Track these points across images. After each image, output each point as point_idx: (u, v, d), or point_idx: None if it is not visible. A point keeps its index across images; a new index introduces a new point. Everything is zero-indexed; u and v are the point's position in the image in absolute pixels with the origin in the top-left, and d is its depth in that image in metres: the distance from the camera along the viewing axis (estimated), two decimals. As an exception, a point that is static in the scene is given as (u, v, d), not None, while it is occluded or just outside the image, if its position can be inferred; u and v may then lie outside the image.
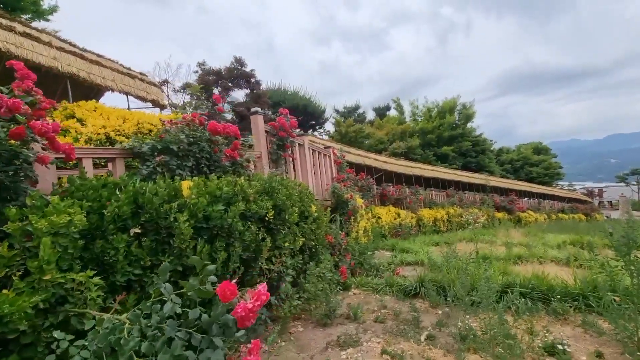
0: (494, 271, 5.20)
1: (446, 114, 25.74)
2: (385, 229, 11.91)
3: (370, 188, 12.19)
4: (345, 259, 5.19)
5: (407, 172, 16.02)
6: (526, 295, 3.81)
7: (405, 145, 21.47)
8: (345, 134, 20.55)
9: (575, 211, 33.97)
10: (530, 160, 37.59)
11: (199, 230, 2.49)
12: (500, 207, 21.90)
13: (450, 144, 25.20)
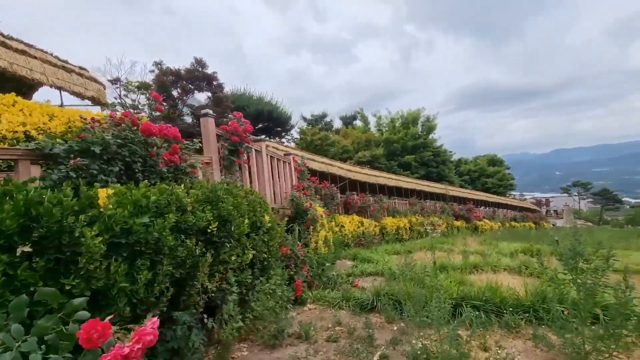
0: (450, 282, 5.20)
1: (410, 125, 26.61)
2: (348, 237, 11.81)
3: (334, 196, 12.07)
4: (302, 271, 4.93)
5: (372, 180, 16.16)
6: (480, 308, 3.77)
7: (369, 154, 21.77)
8: (310, 142, 20.42)
9: (526, 219, 36.36)
10: (486, 172, 39.93)
11: (115, 247, 2.11)
12: (459, 215, 22.80)
13: (413, 154, 25.99)
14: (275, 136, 24.37)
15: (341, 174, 13.95)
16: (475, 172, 39.34)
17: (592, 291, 2.65)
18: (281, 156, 6.78)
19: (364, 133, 25.22)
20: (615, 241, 14.00)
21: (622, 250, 10.38)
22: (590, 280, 2.63)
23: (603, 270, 2.58)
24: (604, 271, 2.58)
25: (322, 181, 11.80)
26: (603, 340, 2.62)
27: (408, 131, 25.85)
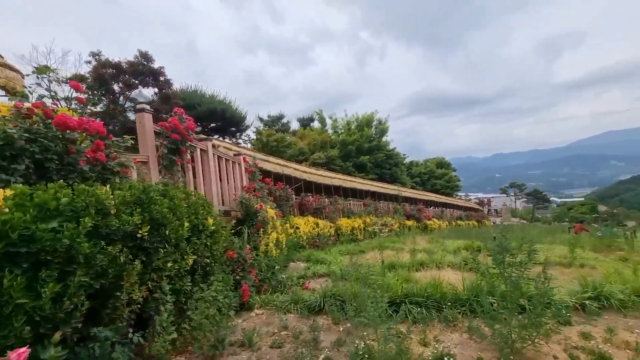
0: (397, 280, 5.35)
1: (364, 127, 27.38)
2: (303, 239, 11.76)
3: (288, 198, 11.95)
4: (250, 275, 4.75)
5: (327, 182, 16.29)
6: (422, 304, 3.90)
7: (325, 155, 21.95)
8: (266, 143, 20.06)
9: (470, 218, 39.18)
10: (435, 174, 42.45)
11: (12, 257, 1.82)
12: (410, 215, 23.88)
13: (368, 156, 26.75)
14: (230, 136, 23.58)
15: (297, 176, 13.87)
16: (426, 174, 41.62)
17: (517, 283, 2.84)
18: (230, 156, 6.52)
19: (321, 135, 25.44)
20: (543, 236, 15.55)
21: (548, 245, 11.52)
22: (515, 274, 2.83)
23: (525, 264, 2.78)
24: (526, 264, 2.78)
25: (277, 183, 11.63)
26: (526, 329, 2.82)
27: (362, 133, 26.56)
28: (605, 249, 10.65)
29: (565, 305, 3.96)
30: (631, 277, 5.38)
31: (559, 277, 6.19)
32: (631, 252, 10.01)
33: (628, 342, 3.09)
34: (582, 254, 9.03)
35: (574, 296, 4.13)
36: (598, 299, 4.12)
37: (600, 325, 3.60)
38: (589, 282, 4.39)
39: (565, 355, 2.80)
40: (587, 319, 3.81)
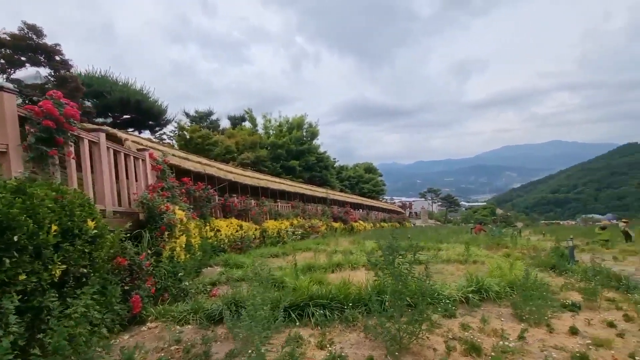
0: (310, 282, 5.35)
1: (294, 130, 27.51)
2: (224, 242, 11.20)
3: (210, 199, 11.26)
4: (145, 285, 4.25)
5: (254, 183, 15.85)
6: (326, 306, 3.91)
7: (254, 156, 21.41)
8: (190, 140, 18.68)
9: (393, 220, 42.17)
10: (363, 178, 44.78)
11: None
12: (337, 217, 24.63)
13: (299, 158, 26.91)
14: (147, 130, 21.33)
15: (221, 176, 13.19)
16: (354, 178, 43.60)
17: (405, 282, 3.00)
18: (132, 151, 5.82)
19: (251, 135, 24.74)
20: (450, 236, 17.40)
21: (453, 244, 12.87)
22: (403, 273, 2.98)
23: (411, 263, 2.94)
24: (411, 264, 2.94)
25: (197, 182, 10.89)
26: (413, 325, 2.99)
27: (293, 136, 26.63)
28: (495, 247, 12.36)
29: (452, 300, 4.37)
30: (508, 271, 6.24)
31: (455, 273, 6.90)
32: (514, 249, 11.78)
33: (496, 329, 3.49)
34: (477, 251, 10.28)
35: (460, 290, 4.57)
36: (480, 292, 4.64)
37: (479, 315, 4.03)
38: (474, 277, 4.93)
39: (443, 347, 3.03)
40: (469, 310, 4.25)
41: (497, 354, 2.93)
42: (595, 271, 6.11)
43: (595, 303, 4.77)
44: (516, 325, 3.72)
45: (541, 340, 3.31)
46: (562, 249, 9.83)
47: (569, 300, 4.73)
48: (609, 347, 3.16)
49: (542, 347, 3.16)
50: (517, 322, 3.86)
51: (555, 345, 3.18)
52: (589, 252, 13.18)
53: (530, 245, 12.83)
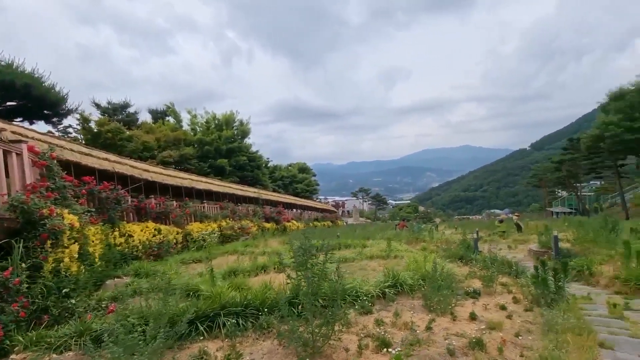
0: (229, 287, 4.99)
1: (224, 128, 26.18)
2: (138, 249, 10.03)
3: (120, 200, 9.97)
4: (10, 307, 3.44)
5: (176, 183, 14.58)
6: (240, 314, 3.63)
7: (177, 154, 19.73)
8: (98, 134, 16.31)
9: (326, 219, 43.05)
10: (296, 178, 44.91)
11: None
12: (270, 218, 24.17)
13: (229, 157, 25.68)
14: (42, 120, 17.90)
15: (135, 174, 11.79)
16: (288, 178, 43.47)
17: (318, 283, 2.88)
18: (1, 143, 4.74)
19: (175, 131, 22.74)
20: (377, 232, 18.35)
21: (378, 240, 13.51)
22: (316, 273, 2.86)
23: (324, 263, 2.84)
24: (324, 264, 2.84)
25: (103, 182, 9.55)
26: (326, 327, 2.89)
27: (222, 133, 25.31)
28: (415, 241, 13.35)
29: (370, 296, 4.45)
30: (423, 264, 6.68)
31: (377, 269, 7.15)
32: (430, 243, 12.86)
33: (407, 322, 3.61)
34: (399, 246, 10.92)
35: (378, 286, 4.69)
36: (395, 286, 4.81)
37: (394, 309, 4.16)
38: (391, 272, 5.11)
39: (355, 347, 3.00)
40: (385, 305, 4.36)
41: (406, 347, 3.00)
42: (492, 260, 6.91)
43: (492, 288, 5.33)
44: (425, 316, 3.91)
45: (445, 329, 3.52)
46: (468, 240, 11.02)
47: (471, 288, 5.20)
48: (500, 330, 3.49)
49: (446, 335, 3.35)
50: (426, 312, 4.07)
51: (457, 332, 3.40)
52: (490, 243, 15.09)
53: (444, 238, 14.18)
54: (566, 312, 3.84)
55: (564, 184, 43.23)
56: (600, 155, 31.61)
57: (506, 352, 2.93)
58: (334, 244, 11.02)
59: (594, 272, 6.83)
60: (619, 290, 5.73)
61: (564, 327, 3.27)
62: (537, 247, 11.18)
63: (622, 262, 6.24)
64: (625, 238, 8.19)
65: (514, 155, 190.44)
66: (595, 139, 30.12)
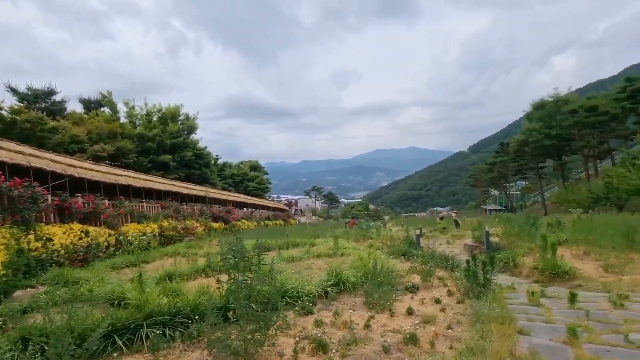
0: (161, 294, 4.58)
1: (168, 122, 24.40)
2: (60, 254, 8.93)
3: (35, 199, 8.77)
4: None
5: (109, 180, 13.25)
6: (167, 323, 3.31)
7: (113, 148, 17.89)
8: (12, 124, 14.07)
9: (278, 218, 42.55)
10: (248, 176, 43.69)
11: None
12: (218, 217, 23.17)
13: (173, 153, 24.01)
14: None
15: (57, 170, 10.46)
16: (239, 176, 42.12)
17: (250, 286, 2.70)
18: None
19: (110, 123, 20.56)
20: (327, 230, 18.51)
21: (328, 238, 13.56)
22: (249, 276, 2.68)
23: (256, 265, 2.66)
24: (256, 266, 2.67)
25: (14, 178, 8.32)
26: (260, 332, 2.72)
27: (166, 128, 23.57)
28: (362, 239, 13.68)
29: (312, 295, 4.36)
30: (367, 262, 6.79)
31: (323, 267, 7.11)
32: (377, 240, 13.26)
33: (346, 321, 3.58)
34: (346, 244, 11.06)
35: (320, 285, 4.62)
36: (338, 285, 4.79)
37: (335, 309, 4.11)
38: (334, 271, 5.08)
39: (291, 351, 2.88)
40: (327, 305, 4.31)
41: (343, 347, 2.94)
42: (430, 255, 7.26)
43: (430, 282, 5.57)
44: (366, 314, 3.92)
45: (383, 326, 3.54)
46: (411, 237, 11.55)
47: (410, 283, 5.37)
48: (434, 323, 3.60)
49: (383, 332, 3.37)
50: (367, 310, 4.09)
51: (394, 328, 3.44)
52: (431, 239, 16.04)
53: (389, 235, 14.72)
54: (492, 303, 4.11)
55: (495, 184, 47.76)
56: (525, 158, 35.46)
57: (437, 345, 3.02)
58: (282, 243, 10.85)
59: (517, 264, 7.50)
60: (537, 279, 6.33)
61: (489, 317, 3.48)
62: (472, 241, 12.09)
63: (540, 254, 6.92)
64: (543, 232, 9.18)
65: (454, 157, 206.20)
66: (521, 144, 33.70)
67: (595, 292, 4.99)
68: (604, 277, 5.70)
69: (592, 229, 8.28)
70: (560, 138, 29.99)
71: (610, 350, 2.89)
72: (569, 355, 2.84)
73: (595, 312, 3.90)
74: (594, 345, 2.99)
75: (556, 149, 31.39)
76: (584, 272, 5.98)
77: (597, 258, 6.72)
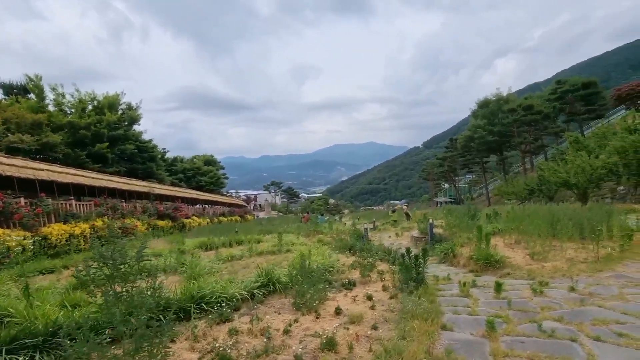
0: (58, 305, 3.93)
1: (106, 111, 22.06)
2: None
3: None
4: None
5: (26, 175, 11.63)
6: (39, 346, 2.73)
7: (36, 140, 15.69)
8: None
9: (234, 214, 41.16)
10: (201, 171, 41.60)
11: None
12: (164, 214, 21.66)
13: (113, 146, 21.83)
14: None
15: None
16: (191, 170, 39.94)
17: (131, 302, 2.26)
18: None
19: (36, 112, 17.97)
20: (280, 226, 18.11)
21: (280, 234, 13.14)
22: (125, 288, 2.23)
23: (135, 275, 2.22)
24: (136, 275, 2.23)
25: None
26: (145, 351, 2.29)
27: (103, 117, 21.27)
28: (313, 234, 13.49)
29: (235, 300, 3.97)
30: (320, 259, 6.53)
31: (262, 265, 6.76)
32: (327, 235, 13.13)
33: (264, 328, 3.25)
34: (295, 240, 10.78)
35: (247, 287, 4.25)
36: (268, 286, 4.45)
37: (261, 312, 3.77)
38: (264, 270, 4.72)
39: (187, 370, 2.49)
40: (252, 308, 3.95)
41: (251, 359, 2.61)
42: (376, 249, 7.22)
43: (369, 277, 5.44)
44: (291, 316, 3.63)
45: (306, 330, 3.27)
46: (360, 230, 11.58)
47: (347, 279, 5.19)
48: (360, 323, 3.40)
49: (303, 337, 3.10)
50: (294, 312, 3.80)
51: (316, 332, 3.18)
52: (383, 231, 16.33)
53: (342, 229, 14.70)
54: (422, 297, 4.03)
55: (446, 178, 50.42)
56: (471, 153, 37.72)
57: (357, 349, 2.81)
58: (226, 241, 10.27)
59: (456, 254, 7.71)
60: (472, 269, 6.50)
61: (415, 314, 3.35)
62: (418, 233, 12.42)
63: (476, 244, 7.15)
64: (481, 223, 9.59)
65: (410, 152, 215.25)
66: (468, 140, 35.77)
67: (520, 280, 5.17)
68: (530, 264, 5.96)
69: (523, 219, 8.78)
70: (501, 135, 32.27)
71: (525, 342, 2.87)
72: (486, 349, 2.77)
73: (517, 301, 3.97)
74: (510, 337, 2.97)
75: (498, 145, 33.76)
76: (513, 261, 6.23)
77: (526, 246, 7.08)
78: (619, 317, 3.28)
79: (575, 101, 30.99)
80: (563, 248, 6.61)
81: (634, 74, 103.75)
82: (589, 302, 3.81)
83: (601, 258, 5.75)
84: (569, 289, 4.29)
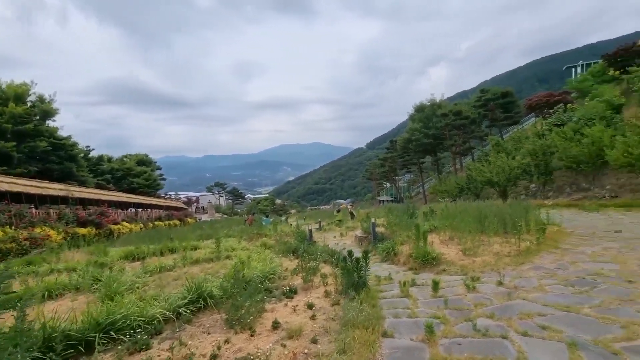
0: None
1: (10, 102, 18.75)
2: None
3: None
4: None
5: None
6: None
7: None
8: None
9: (172, 218, 38.26)
10: (133, 171, 37.86)
11: None
12: (87, 221, 19.21)
13: (21, 143, 18.65)
14: None
15: None
16: (120, 171, 36.15)
17: None
18: None
19: None
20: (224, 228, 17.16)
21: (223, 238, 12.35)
22: None
23: None
24: None
25: None
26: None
27: (7, 110, 18.04)
28: (256, 237, 12.95)
29: (157, 321, 3.45)
30: (260, 265, 6.11)
31: (196, 276, 6.16)
32: (271, 237, 12.71)
33: (187, 355, 2.82)
34: (235, 245, 10.17)
35: (173, 305, 3.73)
36: (198, 302, 3.98)
37: (186, 334, 3.31)
38: (194, 283, 4.23)
39: None
40: (178, 329, 3.46)
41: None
42: (320, 249, 7.04)
43: (311, 283, 5.22)
44: (222, 336, 3.24)
45: (237, 351, 2.92)
46: (304, 231, 11.37)
47: (288, 287, 4.91)
48: (298, 337, 3.15)
49: None
50: (225, 330, 3.41)
51: (249, 353, 2.85)
52: (328, 231, 16.36)
53: (287, 231, 14.37)
54: (364, 302, 3.92)
55: (387, 177, 52.94)
56: (409, 154, 40.10)
57: (293, 370, 2.54)
58: (158, 249, 9.30)
59: (397, 252, 7.88)
60: (412, 267, 6.66)
61: (355, 322, 3.20)
62: (361, 233, 12.59)
63: (414, 242, 7.37)
64: (419, 221, 10.02)
65: (354, 153, 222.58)
66: (406, 142, 37.91)
67: (455, 276, 5.39)
68: (462, 260, 6.28)
69: (455, 216, 9.35)
70: (435, 137, 34.82)
71: (461, 343, 2.88)
72: (425, 356, 2.71)
73: (453, 299, 4.06)
74: (448, 340, 2.96)
75: (433, 147, 36.36)
76: (448, 257, 6.52)
77: (459, 242, 7.50)
78: (540, 310, 3.50)
79: (496, 108, 34.71)
80: (490, 243, 7.11)
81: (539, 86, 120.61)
82: (514, 295, 4.05)
83: (522, 251, 6.28)
84: (497, 283, 4.55)
